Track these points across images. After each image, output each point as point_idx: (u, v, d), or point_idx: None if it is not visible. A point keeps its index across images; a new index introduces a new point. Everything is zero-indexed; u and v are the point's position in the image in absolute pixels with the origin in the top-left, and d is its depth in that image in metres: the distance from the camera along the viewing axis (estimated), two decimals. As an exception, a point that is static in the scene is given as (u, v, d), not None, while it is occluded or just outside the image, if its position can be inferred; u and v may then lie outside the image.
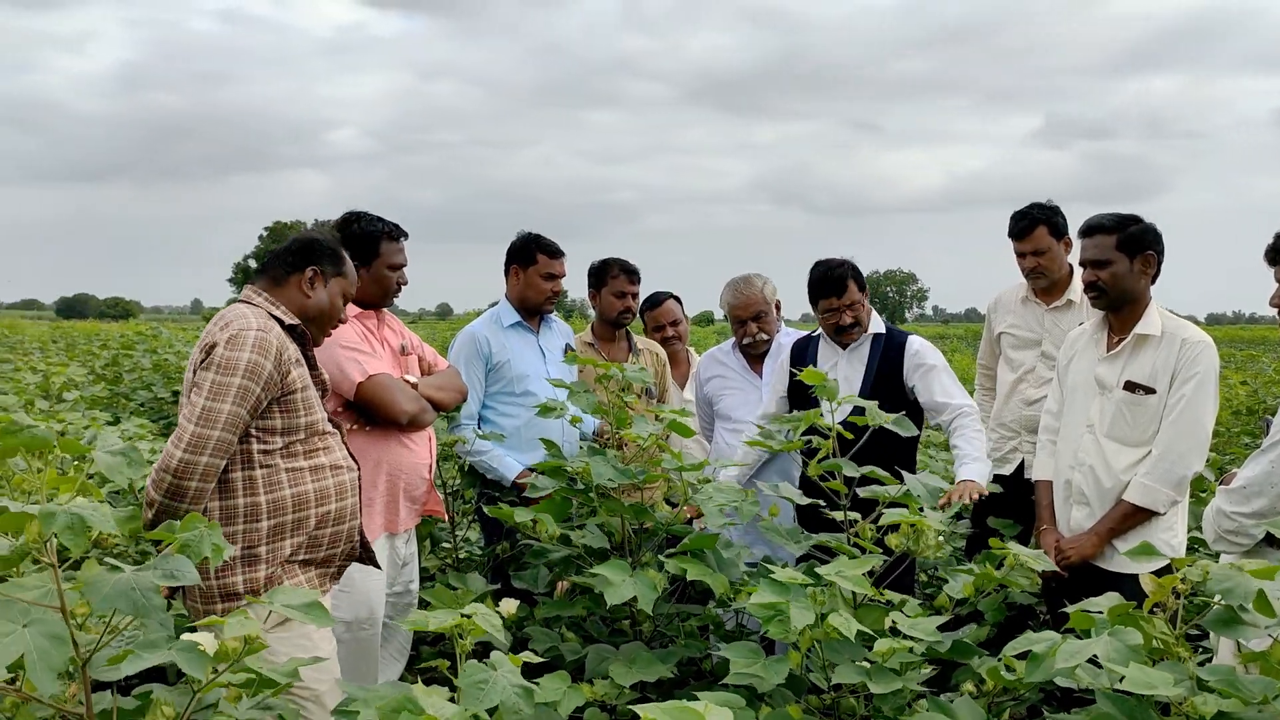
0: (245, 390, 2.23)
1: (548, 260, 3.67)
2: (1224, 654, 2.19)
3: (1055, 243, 3.69)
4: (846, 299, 3.35)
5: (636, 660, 2.28)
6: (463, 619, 1.65)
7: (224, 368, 2.24)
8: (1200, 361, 2.79)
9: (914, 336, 3.44)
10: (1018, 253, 3.75)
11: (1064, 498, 3.00)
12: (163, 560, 1.33)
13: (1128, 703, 1.66)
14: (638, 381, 2.76)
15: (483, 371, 3.57)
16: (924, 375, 3.31)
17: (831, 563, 2.16)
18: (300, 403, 2.36)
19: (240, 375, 2.23)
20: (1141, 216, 2.92)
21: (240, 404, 2.23)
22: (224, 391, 2.22)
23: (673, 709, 1.28)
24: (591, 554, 2.60)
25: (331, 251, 2.53)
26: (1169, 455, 2.79)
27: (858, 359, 3.42)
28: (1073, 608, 1.83)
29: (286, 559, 2.33)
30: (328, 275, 2.51)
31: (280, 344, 2.32)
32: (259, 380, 2.25)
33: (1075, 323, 3.61)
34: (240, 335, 2.27)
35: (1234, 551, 2.28)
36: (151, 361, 7.19)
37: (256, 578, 2.27)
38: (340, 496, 2.42)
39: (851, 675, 1.97)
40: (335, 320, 2.56)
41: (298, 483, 2.35)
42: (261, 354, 2.26)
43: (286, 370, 2.31)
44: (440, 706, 1.41)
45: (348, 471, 2.46)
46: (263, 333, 2.29)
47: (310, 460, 2.38)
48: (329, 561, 2.44)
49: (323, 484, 2.39)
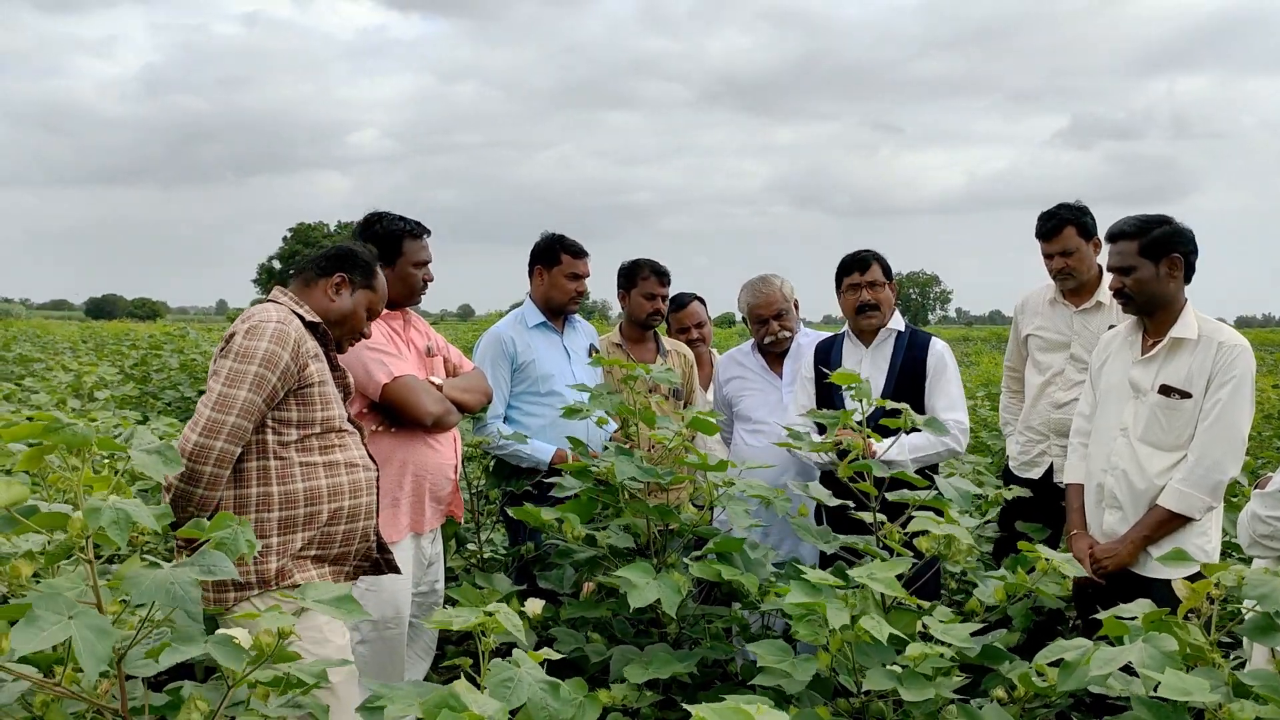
0: (261, 378, 2.28)
1: (572, 260, 3.68)
2: (1257, 660, 2.16)
3: (1084, 243, 3.64)
4: (868, 277, 3.41)
5: (655, 660, 2.28)
6: (486, 617, 1.65)
7: (241, 356, 2.29)
8: (1237, 365, 2.75)
9: (937, 339, 3.47)
10: (1045, 254, 3.71)
11: (1096, 501, 2.97)
12: (201, 556, 1.35)
13: (1163, 709, 1.64)
14: (664, 382, 2.75)
15: (508, 372, 3.58)
16: (938, 378, 3.36)
17: (862, 565, 2.15)
18: (317, 397, 2.39)
19: (257, 363, 2.28)
20: (1170, 218, 2.86)
21: (256, 392, 2.27)
22: (240, 379, 2.27)
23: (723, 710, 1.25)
24: (617, 555, 2.60)
25: (365, 264, 2.59)
26: (1205, 460, 2.75)
27: (881, 357, 3.43)
28: (1105, 614, 1.81)
29: (297, 553, 2.35)
30: (355, 285, 2.56)
31: (299, 336, 2.36)
32: (275, 369, 2.29)
33: (1105, 325, 3.58)
34: (259, 326, 2.33)
35: (1269, 556, 2.24)
36: (179, 362, 7.26)
37: (267, 569, 2.30)
38: (354, 494, 2.44)
39: (883, 680, 1.95)
40: (358, 331, 2.60)
41: (311, 477, 2.37)
42: (279, 344, 2.31)
43: (304, 363, 2.35)
44: (483, 703, 1.41)
45: (364, 470, 2.48)
46: (281, 325, 2.34)
47: (325, 456, 2.41)
48: (342, 559, 2.45)
49: (336, 480, 2.41)
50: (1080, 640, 1.78)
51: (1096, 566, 2.87)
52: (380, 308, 2.65)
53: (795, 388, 3.62)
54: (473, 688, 1.48)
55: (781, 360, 3.78)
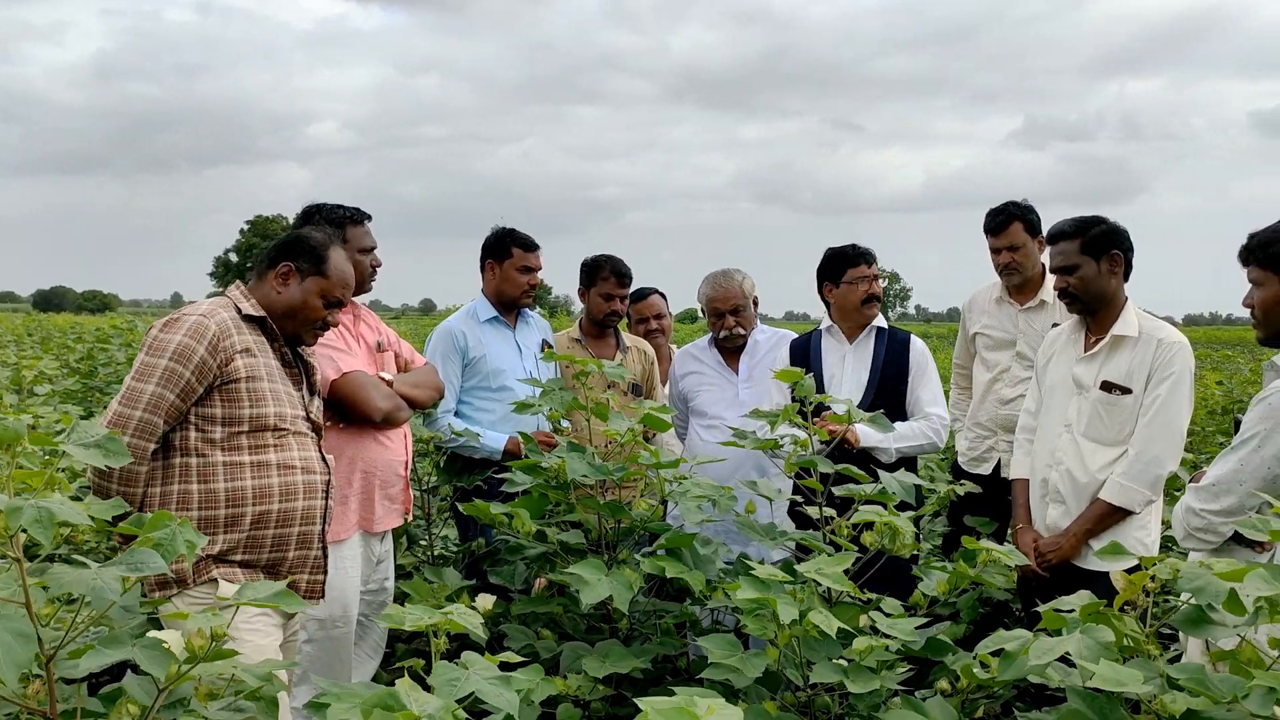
0: (171, 372, 2.22)
1: (523, 254, 3.67)
2: (1193, 652, 2.21)
3: (1030, 240, 3.74)
4: (875, 270, 3.44)
5: (609, 655, 2.28)
6: (440, 616, 1.63)
7: (153, 349, 2.24)
8: (1176, 362, 2.81)
9: (915, 336, 3.51)
10: (993, 249, 3.79)
11: (1040, 496, 3.02)
12: (129, 554, 1.32)
13: (1098, 700, 1.67)
14: (616, 378, 2.75)
15: (459, 367, 3.56)
16: (920, 374, 3.40)
17: (810, 560, 2.16)
18: (245, 393, 2.29)
19: (167, 357, 2.22)
20: (1105, 218, 2.95)
21: (165, 386, 2.21)
22: (149, 372, 2.22)
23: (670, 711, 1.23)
24: (568, 551, 2.59)
25: (312, 250, 2.45)
26: (1144, 455, 2.81)
27: (864, 353, 3.45)
28: (1045, 606, 1.84)
29: (217, 555, 2.26)
30: (304, 273, 2.43)
31: (222, 330, 2.27)
32: (188, 364, 2.22)
33: (1049, 323, 3.67)
34: (178, 319, 2.27)
35: (1203, 549, 2.30)
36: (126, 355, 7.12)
37: (183, 567, 2.20)
38: (286, 498, 2.33)
39: (830, 674, 1.97)
40: (315, 321, 2.46)
41: (234, 477, 2.28)
42: (194, 338, 2.23)
43: (228, 358, 2.27)
44: (424, 701, 1.39)
45: (303, 474, 2.37)
46: (202, 318, 2.27)
47: (256, 455, 2.31)
48: (276, 566, 2.34)
49: (264, 482, 2.31)
50: (1021, 631, 1.80)
51: (1040, 560, 2.93)
52: (339, 293, 2.49)
53: (769, 385, 3.61)
54: (416, 685, 1.47)
55: (738, 356, 3.78)
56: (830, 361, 3.46)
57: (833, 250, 3.49)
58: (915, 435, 3.30)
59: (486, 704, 1.54)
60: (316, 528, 2.41)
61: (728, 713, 1.24)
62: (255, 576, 2.30)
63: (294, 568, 2.38)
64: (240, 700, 1.60)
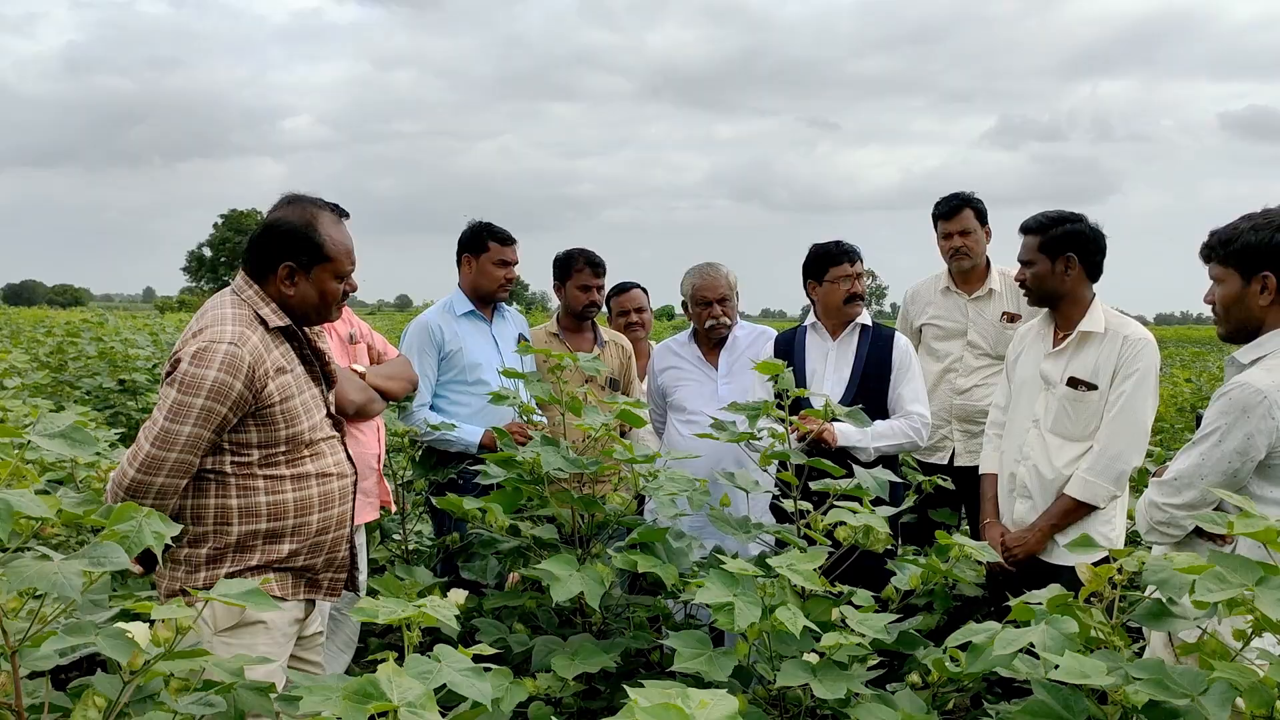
0: (209, 411, 2.10)
1: (499, 247, 3.67)
2: (1155, 645, 2.24)
3: (979, 227, 3.89)
4: (858, 269, 3.44)
5: (580, 652, 2.28)
6: (414, 610, 1.63)
7: (187, 387, 2.09)
8: (1141, 358, 2.85)
9: (899, 334, 3.52)
10: (944, 234, 3.92)
11: (1008, 491, 3.06)
12: (92, 548, 1.31)
13: (1063, 692, 1.69)
14: (591, 372, 2.76)
15: (435, 360, 3.56)
16: (903, 372, 3.40)
17: (783, 555, 2.18)
18: (280, 415, 2.19)
19: (204, 396, 2.08)
20: (1081, 216, 2.99)
21: (202, 426, 2.10)
22: (185, 413, 2.08)
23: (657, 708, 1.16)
24: (542, 545, 2.59)
25: (305, 239, 2.27)
26: (1109, 450, 2.84)
27: (847, 351, 3.46)
28: (1016, 600, 1.86)
29: (255, 566, 2.20)
30: (307, 266, 2.27)
31: (256, 359, 2.14)
32: (226, 401, 2.11)
33: (998, 311, 3.84)
34: (209, 350, 2.11)
35: (1165, 542, 2.33)
36: (97, 349, 7.03)
37: (217, 574, 2.16)
38: (325, 506, 2.28)
39: (797, 674, 1.97)
40: (333, 305, 2.34)
41: (276, 491, 2.20)
42: (230, 373, 2.10)
43: (262, 385, 2.16)
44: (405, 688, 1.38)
45: (337, 479, 2.31)
46: (234, 346, 2.12)
47: (294, 469, 2.23)
48: (309, 570, 2.29)
49: (306, 494, 2.24)
50: (989, 624, 1.82)
51: (1007, 554, 2.96)
52: (346, 266, 2.32)
53: (748, 380, 3.62)
54: (399, 671, 1.46)
55: (718, 351, 3.79)
56: (813, 358, 3.47)
57: (817, 247, 3.49)
58: (895, 434, 3.30)
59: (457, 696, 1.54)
60: (347, 530, 2.36)
61: (722, 704, 1.22)
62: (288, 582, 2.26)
63: (325, 569, 2.33)
64: (210, 695, 1.59)
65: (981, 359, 3.82)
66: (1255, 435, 2.15)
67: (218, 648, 2.12)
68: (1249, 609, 1.54)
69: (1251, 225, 2.26)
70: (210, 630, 2.15)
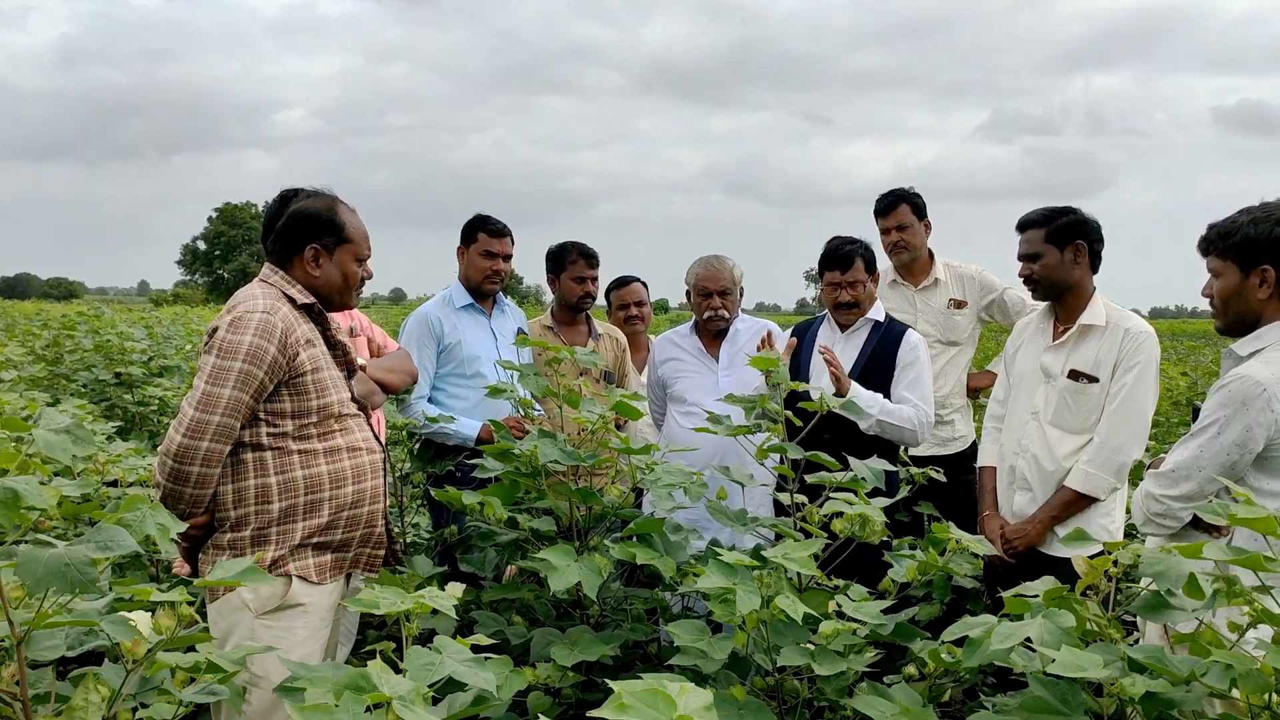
0: (247, 375, 2.20)
1: (487, 238, 3.68)
2: (1151, 635, 2.25)
3: (916, 221, 4.05)
4: (849, 276, 3.43)
5: (579, 642, 2.29)
6: (414, 602, 1.64)
7: (225, 351, 2.20)
8: (1142, 351, 2.86)
9: (913, 331, 3.52)
10: (882, 230, 4.07)
11: (1008, 483, 3.07)
12: (96, 532, 1.31)
13: (1059, 685, 1.70)
14: (588, 365, 2.76)
15: (434, 353, 3.56)
16: (909, 367, 3.39)
17: (778, 545, 2.18)
18: (311, 385, 2.30)
19: (241, 359, 2.19)
20: (1078, 209, 3.00)
21: (241, 389, 2.19)
22: (224, 376, 2.19)
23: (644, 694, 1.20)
24: (539, 537, 2.60)
25: (328, 222, 2.42)
26: (1110, 443, 2.85)
27: (853, 345, 3.48)
28: (1009, 592, 1.87)
29: (297, 544, 2.27)
30: (330, 248, 2.41)
31: (287, 326, 2.26)
32: (261, 365, 2.21)
33: (945, 299, 4.00)
34: (244, 318, 2.23)
35: (1161, 534, 2.34)
36: (93, 343, 7.01)
37: (263, 559, 2.23)
38: (358, 479, 2.37)
39: (796, 658, 1.99)
40: (353, 288, 2.48)
41: (311, 464, 2.30)
42: (265, 337, 2.21)
43: (294, 353, 2.27)
44: (395, 683, 1.40)
45: (367, 454, 2.41)
46: (268, 314, 2.24)
47: (325, 442, 2.33)
48: (345, 546, 2.37)
49: (338, 466, 2.33)
50: (986, 617, 1.83)
51: (1007, 546, 2.97)
52: (365, 249, 2.48)
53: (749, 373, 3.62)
54: (388, 667, 1.47)
55: (719, 343, 3.80)
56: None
57: (827, 244, 3.51)
58: (901, 415, 3.29)
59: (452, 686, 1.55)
60: (380, 505, 2.44)
61: (698, 695, 1.23)
62: (326, 562, 2.33)
63: (361, 544, 2.41)
64: (214, 684, 1.59)
65: (934, 346, 3.94)
66: (1254, 428, 2.16)
67: (259, 631, 2.22)
68: (1246, 600, 1.55)
69: (1251, 219, 2.27)
70: (252, 614, 2.24)
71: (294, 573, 2.27)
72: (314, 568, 2.31)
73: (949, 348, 4.05)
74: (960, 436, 4.09)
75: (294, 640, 2.24)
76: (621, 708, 1.11)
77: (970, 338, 4.16)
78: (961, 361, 4.12)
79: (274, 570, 2.26)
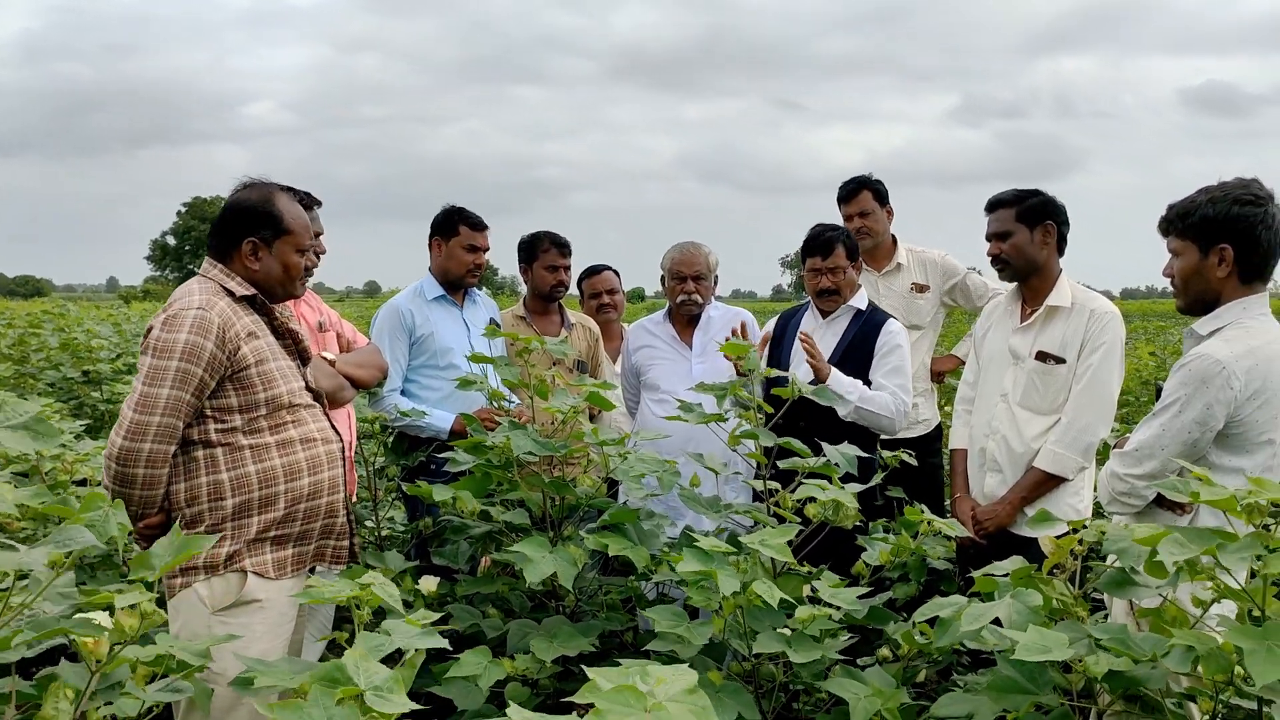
0: (184, 373, 2.16)
1: (470, 232, 3.65)
2: (1117, 612, 2.28)
3: (879, 207, 4.10)
4: (830, 263, 3.43)
5: (558, 634, 2.28)
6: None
7: (161, 351, 2.17)
8: (1107, 332, 2.89)
9: (894, 320, 3.52)
10: (845, 216, 4.12)
11: (978, 465, 3.09)
12: (56, 533, 1.29)
13: (1027, 665, 1.72)
14: (560, 354, 2.75)
15: (406, 345, 3.54)
16: (889, 355, 3.39)
17: (755, 532, 2.19)
18: (257, 378, 2.27)
19: (177, 358, 2.16)
20: (1043, 190, 3.03)
21: (180, 388, 2.16)
22: (162, 376, 2.16)
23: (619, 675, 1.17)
24: (513, 529, 2.59)
25: (266, 215, 2.37)
26: (1077, 423, 2.89)
27: (834, 333, 3.48)
28: (979, 572, 1.89)
29: (253, 539, 2.25)
30: (269, 241, 2.36)
31: (225, 321, 2.22)
32: (199, 362, 2.18)
33: (907, 283, 4.06)
34: (178, 316, 2.19)
35: (1126, 512, 2.37)
36: (60, 340, 6.93)
37: (217, 553, 2.22)
38: (315, 470, 2.34)
39: (772, 644, 2.00)
40: (296, 279, 2.43)
41: (263, 458, 2.27)
42: (200, 334, 2.18)
43: (235, 347, 2.23)
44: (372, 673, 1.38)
45: (322, 444, 2.38)
46: (203, 310, 2.20)
47: (278, 435, 2.30)
48: (305, 539, 2.35)
49: (293, 458, 2.31)
50: (957, 598, 1.85)
51: (978, 528, 3.00)
52: (308, 240, 2.44)
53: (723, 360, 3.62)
54: (367, 655, 1.46)
55: (692, 330, 3.80)
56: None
57: (810, 232, 3.50)
58: (879, 403, 3.29)
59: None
60: (340, 495, 2.42)
61: (680, 678, 1.20)
62: (287, 556, 2.31)
63: (322, 536, 2.39)
64: (178, 681, 1.58)
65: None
66: (1214, 405, 2.19)
67: (216, 628, 2.19)
68: (1209, 575, 1.57)
69: (1209, 198, 2.29)
70: (208, 610, 2.21)
71: (250, 568, 2.25)
72: (271, 563, 2.28)
73: (912, 331, 4.05)
74: (925, 420, 4.14)
75: (252, 636, 2.22)
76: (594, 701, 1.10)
77: (933, 322, 4.22)
78: (925, 345, 4.17)
79: (229, 566, 2.24)
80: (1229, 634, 1.44)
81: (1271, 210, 2.25)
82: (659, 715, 1.08)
